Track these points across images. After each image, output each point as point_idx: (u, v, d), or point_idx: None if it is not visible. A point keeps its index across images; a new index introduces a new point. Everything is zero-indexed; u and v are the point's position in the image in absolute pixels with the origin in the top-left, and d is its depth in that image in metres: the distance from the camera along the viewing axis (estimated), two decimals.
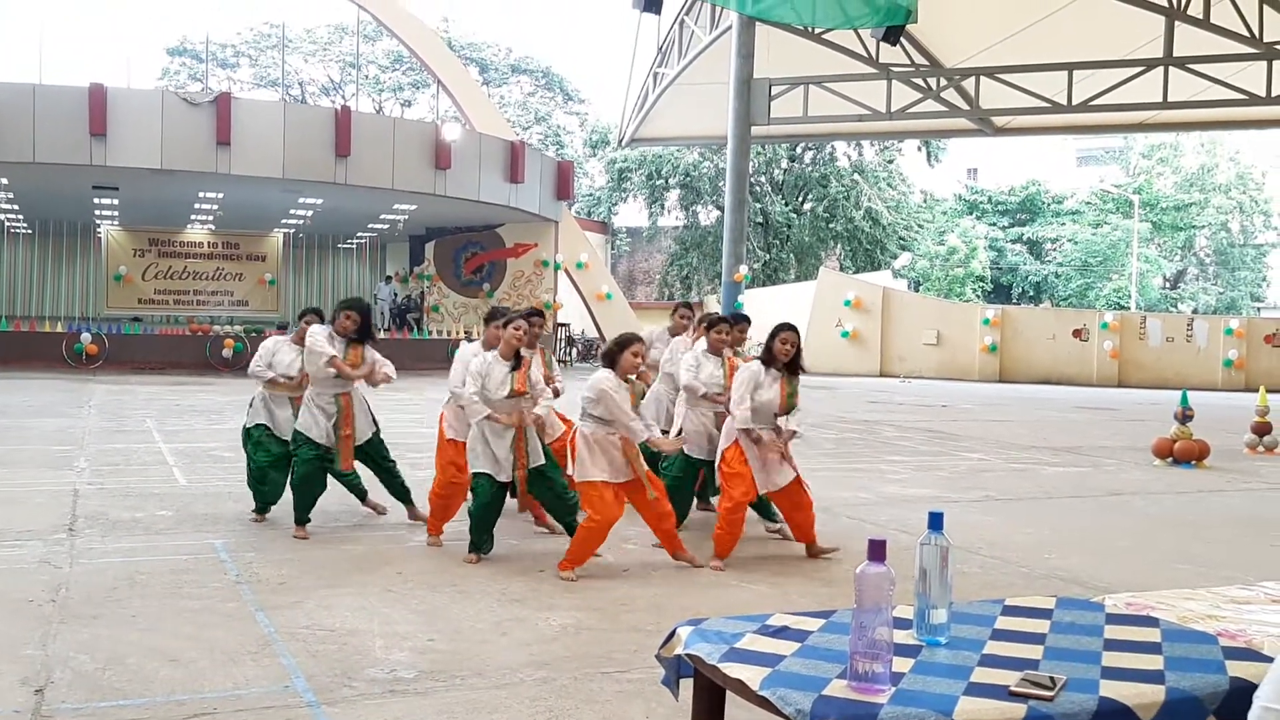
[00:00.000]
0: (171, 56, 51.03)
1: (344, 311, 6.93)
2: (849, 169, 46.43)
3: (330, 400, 6.90)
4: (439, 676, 4.19)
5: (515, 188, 26.52)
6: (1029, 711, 2.14)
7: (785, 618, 2.72)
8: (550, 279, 30.11)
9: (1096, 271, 48.17)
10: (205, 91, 24.72)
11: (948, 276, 46.88)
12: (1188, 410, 11.79)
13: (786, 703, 2.17)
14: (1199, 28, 23.34)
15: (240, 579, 5.62)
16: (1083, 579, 6.08)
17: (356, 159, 23.18)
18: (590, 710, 3.88)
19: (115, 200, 26.83)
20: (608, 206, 48.39)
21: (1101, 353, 30.18)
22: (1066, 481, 10.24)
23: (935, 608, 2.54)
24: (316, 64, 52.33)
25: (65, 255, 32.17)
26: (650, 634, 4.65)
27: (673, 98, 30.25)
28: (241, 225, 31.35)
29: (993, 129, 30.21)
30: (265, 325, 28.56)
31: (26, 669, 4.16)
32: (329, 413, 6.89)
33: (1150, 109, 25.97)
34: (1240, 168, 49.72)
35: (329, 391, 6.89)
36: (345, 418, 6.92)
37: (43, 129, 20.85)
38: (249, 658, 4.37)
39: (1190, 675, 2.35)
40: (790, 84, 26.51)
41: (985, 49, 26.37)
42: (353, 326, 6.86)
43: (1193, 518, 8.49)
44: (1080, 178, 53.09)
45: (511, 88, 54.19)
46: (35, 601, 5.11)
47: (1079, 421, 17.56)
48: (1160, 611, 2.94)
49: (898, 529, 7.27)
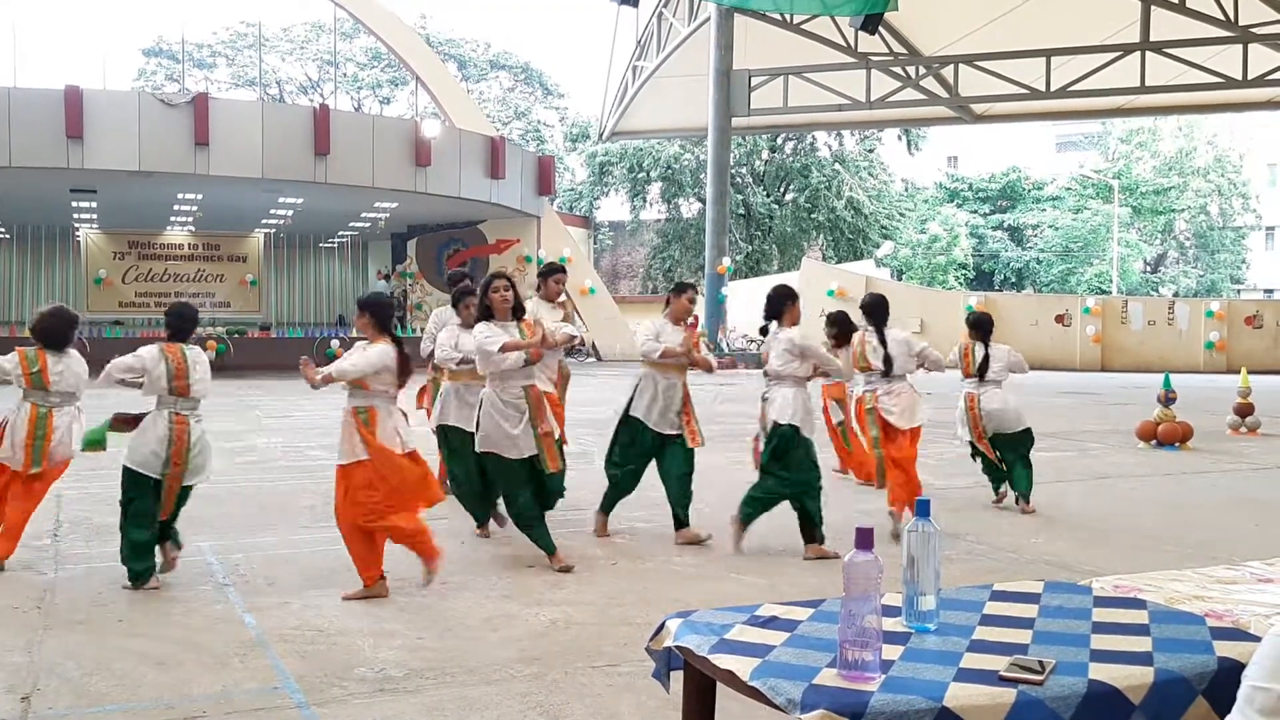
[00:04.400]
0: (147, 57, 50.69)
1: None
2: (830, 159, 46.48)
3: (520, 394, 5.91)
4: (429, 674, 4.18)
5: (496, 183, 26.45)
6: (1019, 696, 2.14)
7: (774, 608, 2.72)
8: (533, 274, 30.04)
9: (1078, 257, 48.37)
10: (182, 92, 24.58)
11: (930, 265, 47.02)
12: (1170, 393, 11.86)
13: (777, 693, 2.16)
14: (1175, 12, 23.47)
15: (227, 581, 5.59)
16: (1070, 563, 6.11)
17: (336, 157, 23.07)
18: (581, 704, 3.88)
19: (94, 203, 26.65)
20: (589, 201, 48.32)
21: (1084, 337, 30.32)
22: (1052, 466, 10.27)
23: (924, 594, 2.53)
24: (294, 63, 52.06)
25: (44, 259, 31.94)
26: (640, 627, 4.65)
27: (652, 90, 30.24)
28: (221, 226, 31.19)
29: (972, 116, 30.31)
30: (248, 326, 28.44)
31: (12, 676, 4.13)
32: (520, 409, 5.86)
33: (1128, 94, 26.11)
34: (1218, 151, 49.97)
35: (518, 384, 5.92)
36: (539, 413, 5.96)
37: (18, 132, 20.68)
38: (237, 660, 4.34)
39: (1179, 656, 2.35)
40: (770, 75, 26.53)
41: (963, 36, 26.45)
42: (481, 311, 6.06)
43: (1178, 499, 8.54)
44: (1060, 163, 53.27)
45: (490, 83, 54.02)
46: (20, 608, 5.07)
47: (1063, 406, 17.63)
48: (1147, 593, 2.95)
49: (886, 517, 7.28)
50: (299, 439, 11.81)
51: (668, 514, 6.70)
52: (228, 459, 9.41)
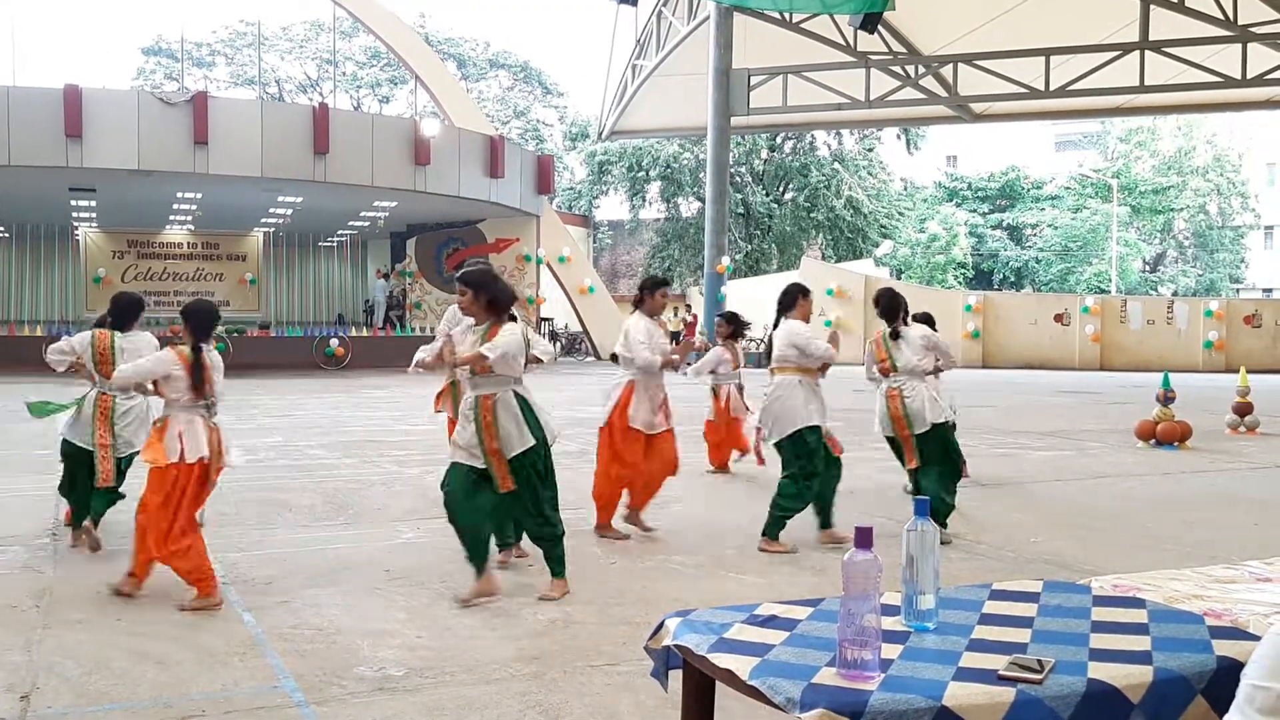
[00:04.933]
0: (147, 56, 50.70)
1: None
2: (829, 158, 46.48)
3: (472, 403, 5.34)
4: (428, 673, 4.18)
5: (495, 182, 26.44)
6: (1018, 695, 2.14)
7: (773, 607, 2.72)
8: (533, 273, 30.05)
9: (1077, 256, 48.39)
10: (181, 91, 24.54)
11: (929, 264, 47.04)
12: (1169, 392, 11.86)
13: (776, 691, 2.16)
14: (1175, 11, 23.45)
15: (226, 579, 5.59)
16: (1069, 562, 6.11)
17: (335, 156, 23.06)
18: (580, 703, 3.88)
19: (93, 202, 26.63)
20: (588, 200, 48.31)
21: (1083, 337, 30.33)
22: (1051, 465, 10.29)
23: (923, 593, 2.54)
24: (293, 61, 52.06)
25: (44, 258, 31.91)
26: (639, 626, 4.65)
27: (652, 89, 30.23)
28: (221, 225, 31.17)
29: (971, 116, 30.29)
30: (247, 325, 28.42)
31: (11, 675, 4.12)
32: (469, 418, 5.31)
33: (1127, 93, 26.10)
34: (1217, 150, 49.99)
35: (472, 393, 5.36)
36: None
37: (17, 131, 20.66)
38: (236, 658, 4.34)
39: (1178, 655, 2.36)
40: (769, 74, 26.52)
41: (963, 36, 26.44)
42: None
43: (1177, 499, 8.54)
44: (1059, 163, 53.30)
45: (490, 82, 54.02)
46: (19, 607, 5.07)
47: (1062, 405, 17.64)
48: (1146, 592, 2.95)
49: (884, 516, 7.29)
50: (298, 438, 11.81)
51: (668, 514, 6.72)
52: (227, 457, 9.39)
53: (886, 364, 7.12)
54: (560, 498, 5.46)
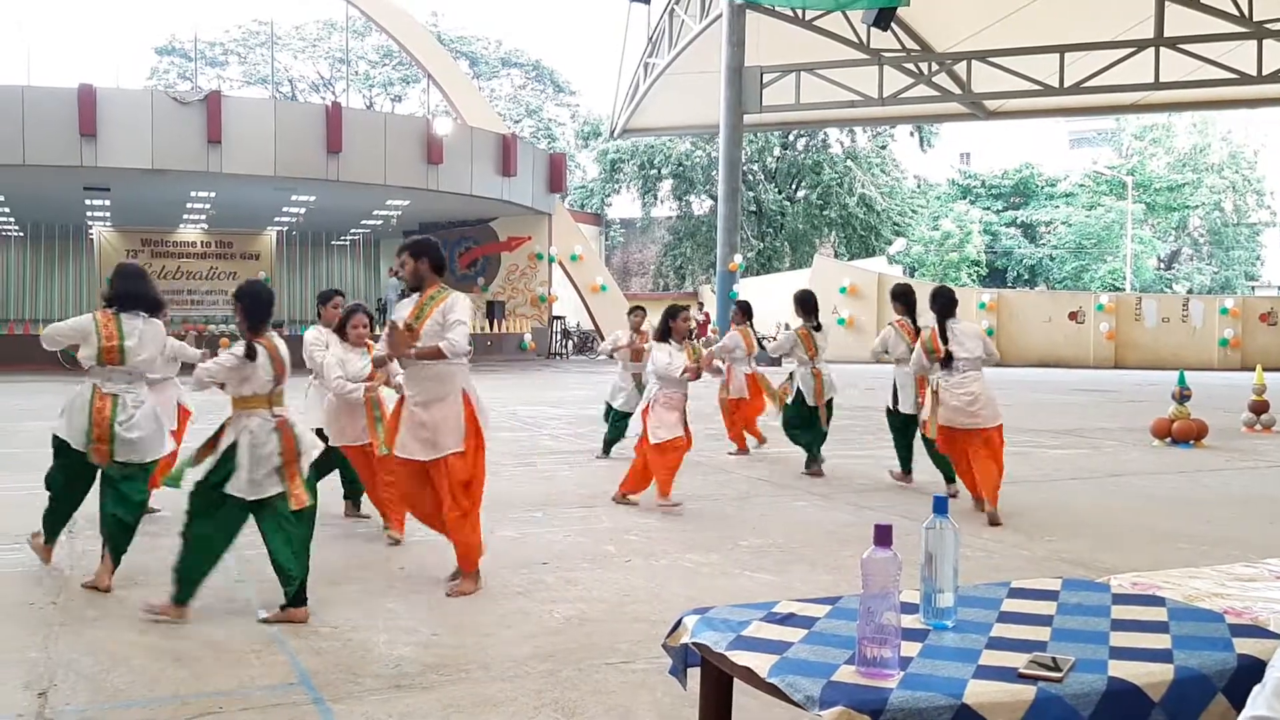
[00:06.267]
0: (160, 56, 50.91)
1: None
2: (842, 155, 46.40)
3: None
4: (444, 671, 4.18)
5: (508, 181, 26.48)
6: (1038, 693, 2.13)
7: (792, 604, 2.72)
8: (545, 272, 30.09)
9: (1091, 254, 48.20)
10: (195, 90, 24.64)
11: (942, 261, 46.91)
12: (1185, 390, 11.80)
13: (795, 689, 2.16)
14: (1189, 7, 23.31)
15: (242, 577, 5.60)
16: (1087, 560, 6.08)
17: (348, 155, 23.12)
18: (596, 701, 3.87)
19: (107, 201, 26.76)
20: (601, 198, 48.33)
21: (1098, 334, 30.21)
22: (1067, 463, 10.25)
23: (942, 591, 2.53)
24: (306, 60, 52.21)
25: (58, 257, 32.09)
26: (655, 624, 4.64)
27: (664, 87, 30.19)
28: (234, 224, 31.29)
29: (985, 113, 30.17)
30: None
31: (29, 672, 4.14)
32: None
33: (1142, 90, 25.94)
34: (1232, 147, 49.74)
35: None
36: None
37: (32, 131, 20.78)
38: (253, 656, 4.36)
39: (1198, 653, 2.34)
40: (782, 71, 26.45)
41: (976, 32, 26.33)
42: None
43: (1194, 497, 8.50)
44: (1073, 160, 53.09)
45: (502, 81, 54.08)
46: (36, 604, 5.09)
47: (1077, 403, 17.57)
48: (1166, 591, 2.94)
49: (901, 515, 7.27)
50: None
51: (681, 512, 6.71)
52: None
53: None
54: (573, 495, 5.47)
